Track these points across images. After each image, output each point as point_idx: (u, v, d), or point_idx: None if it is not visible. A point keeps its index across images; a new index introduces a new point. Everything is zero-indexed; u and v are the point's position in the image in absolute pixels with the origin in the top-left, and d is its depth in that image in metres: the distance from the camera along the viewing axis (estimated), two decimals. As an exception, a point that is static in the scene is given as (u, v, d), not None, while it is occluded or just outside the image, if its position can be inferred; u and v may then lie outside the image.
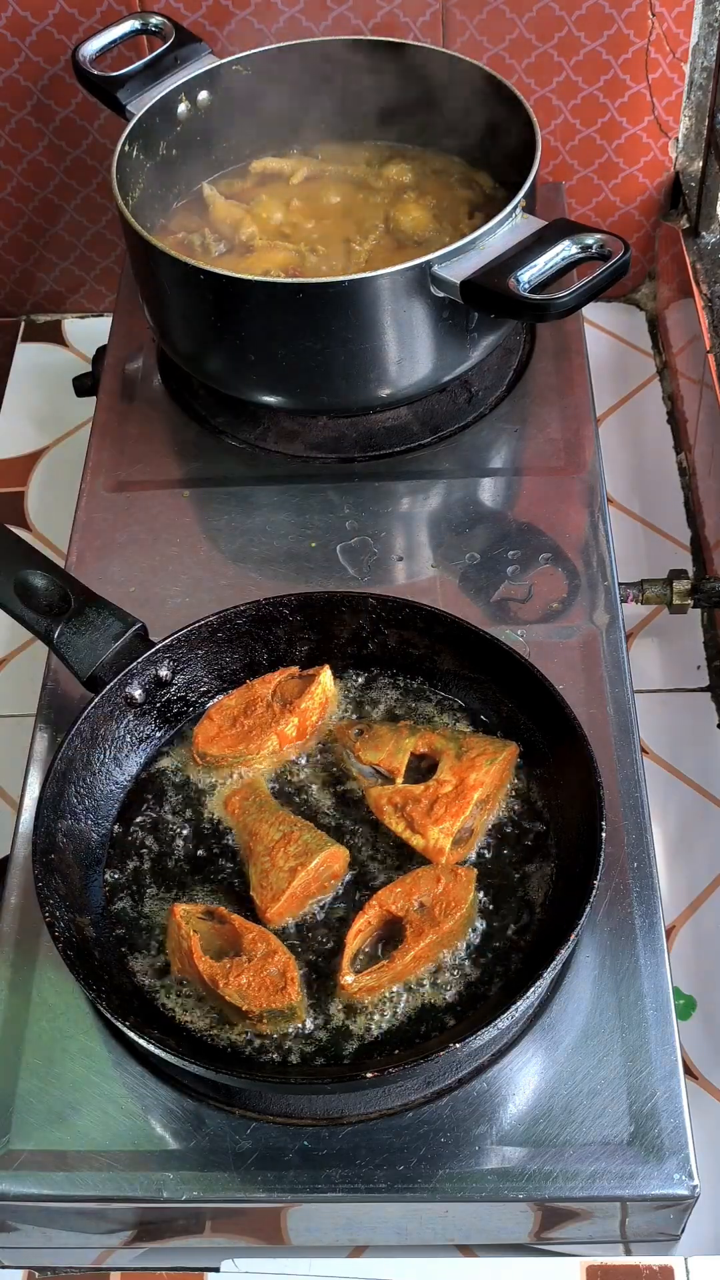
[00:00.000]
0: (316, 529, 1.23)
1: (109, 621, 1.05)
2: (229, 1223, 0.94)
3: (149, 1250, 0.98)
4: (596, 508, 1.23)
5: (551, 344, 1.37)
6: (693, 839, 1.24)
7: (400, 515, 1.25)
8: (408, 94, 1.38)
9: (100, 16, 1.48)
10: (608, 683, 1.10)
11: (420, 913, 0.92)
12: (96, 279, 1.72)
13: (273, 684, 1.05)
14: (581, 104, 1.53)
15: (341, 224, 1.34)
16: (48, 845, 0.95)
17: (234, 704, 1.05)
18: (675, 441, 1.55)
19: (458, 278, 1.11)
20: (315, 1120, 0.90)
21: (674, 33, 1.47)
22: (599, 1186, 0.87)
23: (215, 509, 1.26)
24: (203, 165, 1.41)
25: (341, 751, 1.03)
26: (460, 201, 1.35)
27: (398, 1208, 0.90)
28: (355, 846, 0.99)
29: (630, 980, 0.95)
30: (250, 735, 1.03)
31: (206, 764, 1.03)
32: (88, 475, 1.30)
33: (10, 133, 1.58)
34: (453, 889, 0.93)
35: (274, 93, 1.39)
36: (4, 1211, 0.92)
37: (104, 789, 1.02)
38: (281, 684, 1.06)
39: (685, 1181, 0.87)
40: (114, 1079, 0.93)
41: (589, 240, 1.11)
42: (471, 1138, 0.89)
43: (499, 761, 0.99)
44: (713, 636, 1.38)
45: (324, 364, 1.18)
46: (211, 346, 1.23)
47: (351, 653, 1.09)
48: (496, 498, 1.26)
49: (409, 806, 0.97)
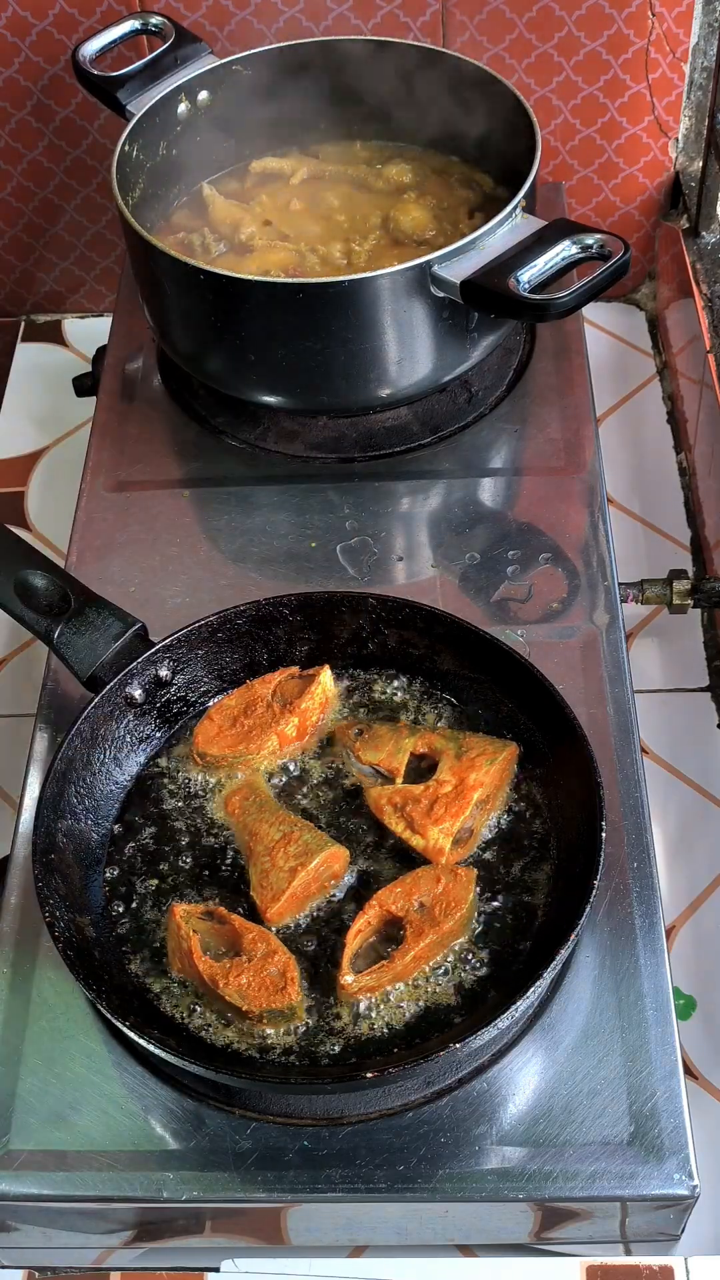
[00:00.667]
0: (316, 529, 1.23)
1: (109, 621, 1.05)
2: (229, 1223, 0.94)
3: (149, 1250, 0.98)
4: (596, 508, 1.23)
5: (551, 344, 1.37)
6: (693, 839, 1.24)
7: (400, 515, 1.25)
8: (407, 94, 1.38)
9: (100, 16, 1.48)
10: (608, 683, 1.10)
11: (420, 913, 0.92)
12: (96, 279, 1.72)
13: (273, 684, 1.05)
14: (581, 104, 1.53)
15: (341, 224, 1.34)
16: (48, 845, 0.95)
17: (234, 704, 1.05)
18: (675, 441, 1.55)
19: (458, 278, 1.11)
20: (315, 1120, 0.90)
21: (674, 33, 1.47)
22: (599, 1186, 0.87)
23: (215, 509, 1.26)
24: (203, 165, 1.40)
25: (341, 751, 1.03)
26: (460, 201, 1.35)
27: (398, 1208, 0.90)
28: (355, 847, 0.99)
29: (630, 980, 0.95)
30: (250, 735, 1.03)
31: (206, 764, 1.03)
32: (88, 475, 1.30)
33: (10, 133, 1.58)
34: (453, 889, 0.93)
35: (274, 93, 1.39)
36: (4, 1211, 0.92)
37: (104, 789, 1.02)
38: (282, 684, 1.06)
39: (685, 1181, 0.87)
40: (114, 1079, 0.93)
41: (589, 240, 1.11)
42: (471, 1138, 0.89)
43: (499, 761, 0.99)
44: (713, 636, 1.38)
45: (324, 364, 1.18)
46: (211, 346, 1.23)
47: (351, 653, 1.09)
48: (496, 498, 1.26)
49: (409, 806, 0.97)
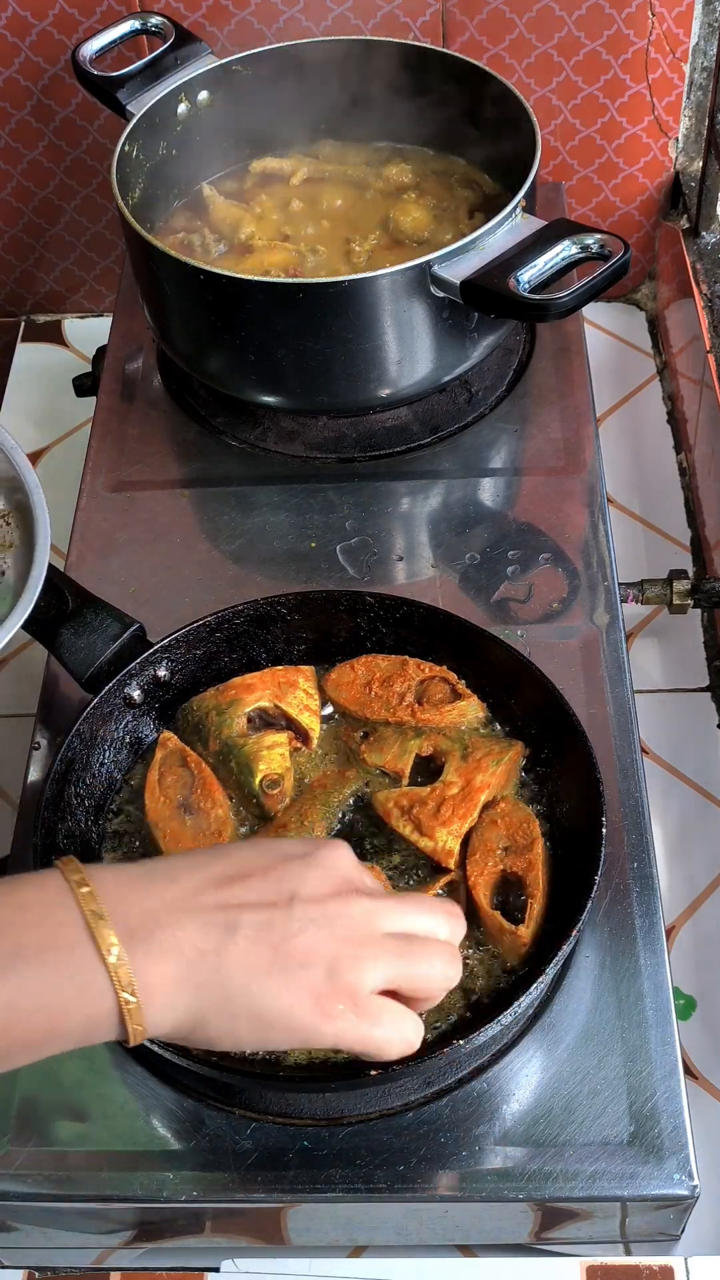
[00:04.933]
0: (316, 529, 1.23)
1: (107, 622, 1.05)
2: (229, 1223, 0.94)
3: (149, 1250, 0.98)
4: (596, 508, 1.23)
5: (551, 344, 1.37)
6: (693, 839, 1.24)
7: (400, 515, 1.25)
8: (407, 94, 1.38)
9: (100, 16, 1.48)
10: (608, 683, 1.10)
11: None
12: (96, 279, 1.72)
13: (425, 674, 1.04)
14: (581, 104, 1.53)
15: (341, 224, 1.34)
16: (48, 846, 0.95)
17: (385, 666, 1.05)
18: (675, 441, 1.55)
19: (458, 278, 1.11)
20: (315, 1120, 0.90)
21: (674, 33, 1.47)
22: (599, 1186, 0.87)
23: (215, 509, 1.26)
24: (203, 165, 1.40)
25: (347, 753, 1.03)
26: (460, 201, 1.35)
27: (398, 1208, 0.89)
28: (363, 847, 0.98)
29: (630, 980, 0.95)
30: (370, 705, 1.03)
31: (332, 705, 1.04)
32: (88, 475, 1.30)
33: (10, 133, 1.58)
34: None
35: (274, 93, 1.39)
36: (4, 1211, 0.92)
37: (104, 790, 1.02)
38: (431, 682, 1.05)
39: (685, 1181, 0.87)
40: (114, 1079, 0.93)
41: (589, 240, 1.11)
42: (471, 1138, 0.89)
43: (505, 762, 0.98)
44: (713, 636, 1.38)
45: (324, 364, 1.18)
46: (211, 346, 1.23)
47: (350, 652, 1.09)
48: (496, 498, 1.26)
49: (416, 809, 0.97)
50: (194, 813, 0.98)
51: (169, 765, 1.00)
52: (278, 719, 1.03)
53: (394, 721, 1.02)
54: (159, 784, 0.99)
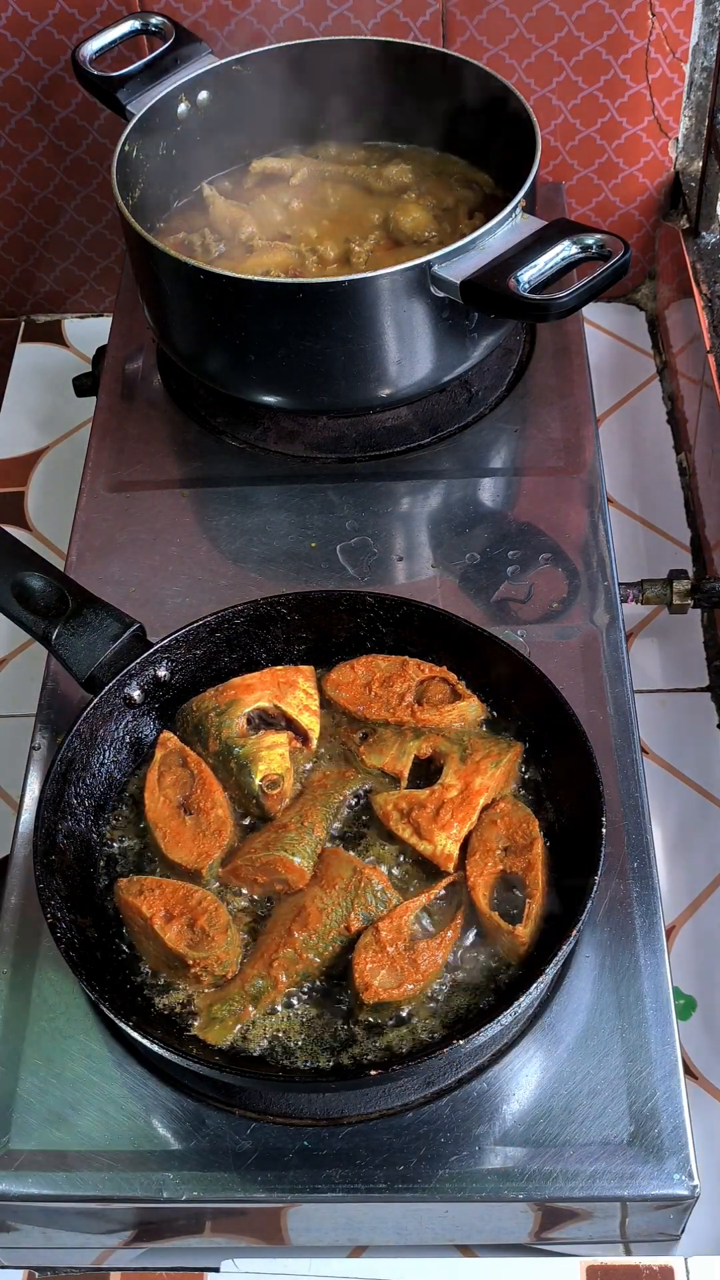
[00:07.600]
0: (316, 529, 1.23)
1: (107, 623, 1.05)
2: (229, 1223, 0.94)
3: (149, 1250, 0.98)
4: (596, 508, 1.23)
5: (551, 344, 1.37)
6: (693, 839, 1.24)
7: (400, 515, 1.25)
8: (407, 94, 1.38)
9: (100, 16, 1.48)
10: (608, 683, 1.10)
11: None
12: (96, 279, 1.72)
13: (425, 675, 1.04)
14: (581, 104, 1.53)
15: (341, 224, 1.34)
16: (48, 846, 0.95)
17: (385, 667, 1.04)
18: (675, 441, 1.55)
19: (458, 278, 1.11)
20: (315, 1120, 0.90)
21: (674, 33, 1.47)
22: (599, 1186, 0.87)
23: (215, 509, 1.26)
24: (203, 165, 1.41)
25: (347, 755, 1.03)
26: (460, 201, 1.35)
27: (398, 1208, 0.90)
28: (363, 849, 0.98)
29: (630, 980, 0.95)
30: (370, 706, 1.03)
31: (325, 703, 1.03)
32: (88, 475, 1.30)
33: (10, 133, 1.58)
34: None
35: (273, 93, 1.39)
36: (4, 1211, 0.92)
37: (104, 790, 1.02)
38: (430, 683, 1.05)
39: (685, 1181, 0.87)
40: (114, 1079, 0.93)
41: (589, 240, 1.11)
42: (471, 1138, 0.89)
43: (504, 764, 0.98)
44: (713, 636, 1.38)
45: (324, 364, 1.18)
46: (211, 346, 1.23)
47: (350, 652, 1.09)
48: (496, 498, 1.26)
49: (415, 812, 0.97)
50: (194, 813, 0.98)
51: (169, 765, 1.00)
52: (277, 719, 1.03)
53: (394, 721, 1.02)
54: (159, 784, 0.99)
